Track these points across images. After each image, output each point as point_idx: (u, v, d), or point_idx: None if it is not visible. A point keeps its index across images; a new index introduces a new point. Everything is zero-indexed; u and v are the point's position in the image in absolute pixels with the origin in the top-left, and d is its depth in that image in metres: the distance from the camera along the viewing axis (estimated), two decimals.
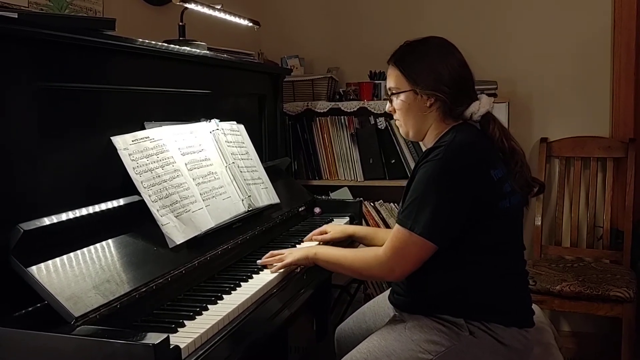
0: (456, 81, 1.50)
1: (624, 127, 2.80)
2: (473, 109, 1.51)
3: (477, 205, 1.41)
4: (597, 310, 2.37)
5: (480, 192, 1.42)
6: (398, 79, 1.55)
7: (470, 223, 1.42)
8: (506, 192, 1.46)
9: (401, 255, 1.44)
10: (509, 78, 2.90)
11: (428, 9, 3.05)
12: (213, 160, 1.76)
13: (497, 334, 1.43)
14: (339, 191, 2.93)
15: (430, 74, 1.50)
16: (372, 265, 1.51)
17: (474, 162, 1.43)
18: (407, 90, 1.53)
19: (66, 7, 1.61)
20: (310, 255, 1.63)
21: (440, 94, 1.49)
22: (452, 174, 1.41)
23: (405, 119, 1.58)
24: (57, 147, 1.34)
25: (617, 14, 2.78)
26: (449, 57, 1.52)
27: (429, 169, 1.42)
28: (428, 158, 1.44)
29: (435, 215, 1.39)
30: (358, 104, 2.81)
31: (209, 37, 2.14)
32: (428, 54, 1.53)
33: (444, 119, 1.53)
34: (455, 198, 1.40)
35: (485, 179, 1.43)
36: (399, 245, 1.44)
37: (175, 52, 1.74)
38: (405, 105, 1.55)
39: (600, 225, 2.80)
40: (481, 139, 1.51)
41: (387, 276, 1.58)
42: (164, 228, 1.45)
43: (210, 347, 1.18)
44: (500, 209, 1.45)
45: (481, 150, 1.47)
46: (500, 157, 1.50)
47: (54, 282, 1.13)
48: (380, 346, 1.47)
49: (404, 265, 1.45)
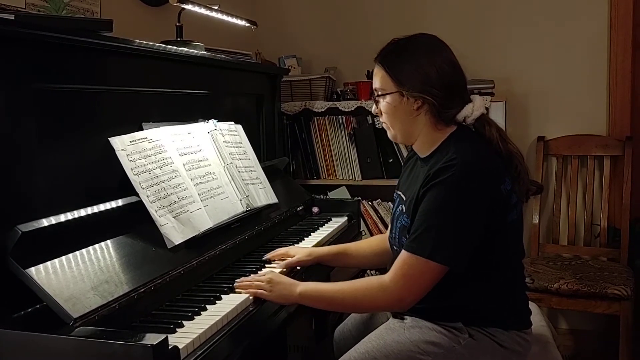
0: (445, 83, 1.41)
1: (621, 125, 2.80)
2: (466, 112, 1.43)
3: (489, 223, 1.36)
4: (595, 308, 2.38)
5: (493, 210, 1.36)
6: (384, 79, 1.46)
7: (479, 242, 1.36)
8: (513, 203, 1.42)
9: (414, 284, 1.35)
10: (506, 77, 2.91)
11: (425, 7, 3.05)
12: (211, 160, 1.76)
13: (496, 337, 1.41)
14: (337, 190, 2.93)
15: (417, 75, 1.41)
16: (377, 296, 1.39)
17: (487, 182, 1.36)
18: (393, 92, 1.44)
19: (63, 8, 1.62)
20: (292, 297, 1.44)
21: (428, 96, 1.40)
22: (468, 197, 1.33)
23: (392, 122, 1.49)
24: (54, 148, 1.34)
25: (613, 12, 2.79)
26: (438, 57, 1.42)
27: (444, 191, 1.34)
28: (438, 179, 1.35)
29: (455, 240, 1.33)
30: (356, 104, 2.81)
31: (206, 38, 2.14)
32: (415, 53, 1.43)
33: (435, 124, 1.45)
34: (473, 221, 1.34)
35: (497, 196, 1.37)
36: (412, 274, 1.34)
37: (172, 52, 1.74)
38: (392, 107, 1.46)
39: (597, 223, 2.80)
40: (487, 149, 1.43)
41: (394, 306, 1.44)
42: (163, 228, 1.45)
43: (209, 348, 1.18)
44: (509, 222, 1.40)
45: (492, 166, 1.39)
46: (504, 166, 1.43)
47: (53, 284, 1.14)
48: (378, 346, 1.45)
49: (415, 293, 1.36)
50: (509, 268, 1.46)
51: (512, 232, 1.44)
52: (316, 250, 1.75)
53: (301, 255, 1.70)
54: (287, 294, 1.45)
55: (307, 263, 1.70)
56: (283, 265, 1.66)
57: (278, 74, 2.50)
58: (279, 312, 1.50)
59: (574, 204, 2.83)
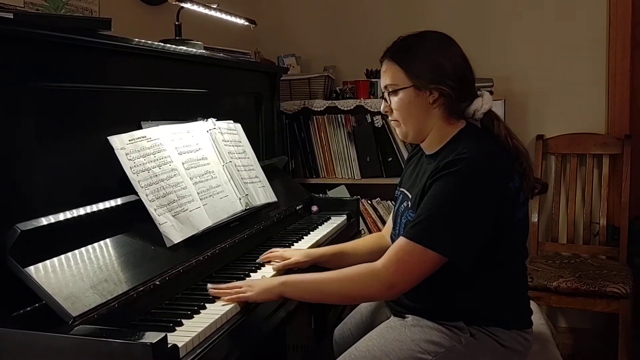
0: (459, 74, 1.40)
1: (620, 123, 2.81)
2: (476, 105, 1.43)
3: (498, 221, 1.34)
4: (594, 306, 2.38)
5: (501, 207, 1.34)
6: (396, 74, 1.43)
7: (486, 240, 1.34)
8: (521, 202, 1.41)
9: (408, 271, 1.33)
10: (505, 75, 2.91)
11: (425, 6, 3.05)
12: (210, 159, 1.76)
13: (497, 336, 1.41)
14: (336, 189, 2.94)
15: (432, 66, 1.40)
16: (367, 282, 1.36)
17: (497, 177, 1.35)
18: (407, 87, 1.42)
19: (62, 7, 1.61)
20: (275, 288, 1.39)
21: (445, 87, 1.38)
22: (476, 191, 1.31)
23: (405, 119, 1.46)
24: (53, 147, 1.34)
25: (612, 11, 2.79)
26: (449, 50, 1.43)
27: (453, 182, 1.31)
28: (446, 171, 1.32)
29: (458, 232, 1.31)
30: (355, 103, 2.82)
31: (205, 37, 2.14)
32: (427, 46, 1.43)
33: (447, 118, 1.44)
34: (479, 217, 1.32)
35: (506, 194, 1.35)
36: (408, 260, 1.32)
37: (171, 51, 1.74)
38: (405, 103, 1.43)
39: (596, 221, 2.81)
40: (496, 146, 1.42)
41: (385, 293, 1.40)
42: (162, 227, 1.45)
43: (208, 346, 1.18)
44: (516, 221, 1.39)
45: (502, 162, 1.38)
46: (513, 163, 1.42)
47: (52, 282, 1.14)
48: (379, 345, 1.44)
49: (408, 281, 1.34)
50: (512, 268, 1.45)
51: (519, 232, 1.43)
52: (313, 251, 1.71)
53: (298, 256, 1.65)
54: (269, 287, 1.39)
55: (304, 265, 1.66)
56: (279, 267, 1.62)
57: (277, 73, 2.50)
58: (278, 311, 1.49)
59: (573, 203, 2.84)
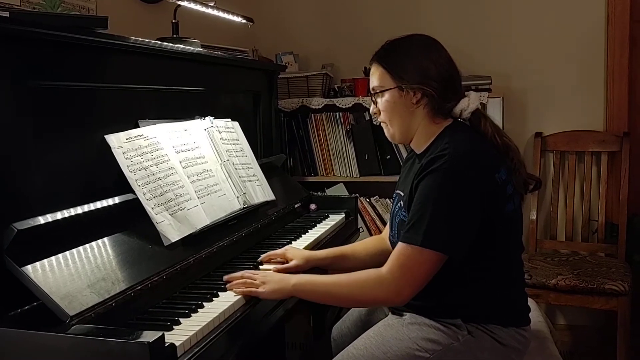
0: (443, 76, 1.44)
1: (618, 121, 2.81)
2: (462, 105, 1.46)
3: (486, 213, 1.35)
4: (592, 304, 2.39)
5: (489, 199, 1.36)
6: (382, 76, 1.48)
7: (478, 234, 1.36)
8: (509, 194, 1.41)
9: (412, 275, 1.34)
10: (504, 73, 2.91)
11: (423, 4, 3.05)
12: (208, 157, 1.76)
13: (495, 334, 1.41)
14: (335, 187, 2.94)
15: (416, 68, 1.44)
16: (375, 289, 1.37)
17: (480, 169, 1.36)
18: (392, 88, 1.46)
19: (59, 5, 1.61)
20: (286, 290, 1.42)
21: (428, 87, 1.42)
22: (461, 184, 1.33)
23: (391, 119, 1.50)
24: (50, 145, 1.34)
25: (610, 8, 2.79)
26: (435, 53, 1.46)
27: (436, 179, 1.34)
28: (431, 168, 1.35)
29: (449, 226, 1.32)
30: (353, 100, 2.82)
31: (202, 35, 2.14)
32: (412, 49, 1.47)
33: (433, 118, 1.46)
34: (466, 207, 1.34)
35: (492, 185, 1.37)
36: (409, 264, 1.33)
37: (168, 49, 1.73)
38: (390, 104, 1.47)
39: (595, 218, 2.81)
40: (481, 140, 1.45)
41: (392, 299, 1.41)
42: (159, 226, 1.45)
43: (206, 345, 1.18)
44: (507, 212, 1.40)
45: (485, 154, 1.41)
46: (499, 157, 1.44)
47: (49, 281, 1.13)
48: (377, 343, 1.44)
49: (414, 285, 1.35)
50: (508, 264, 1.46)
51: (511, 226, 1.44)
52: (314, 254, 1.70)
53: (298, 260, 1.64)
54: (281, 288, 1.43)
55: (304, 268, 1.64)
56: (279, 270, 1.61)
57: (275, 71, 2.49)
58: (277, 309, 1.49)
59: (571, 200, 2.84)
